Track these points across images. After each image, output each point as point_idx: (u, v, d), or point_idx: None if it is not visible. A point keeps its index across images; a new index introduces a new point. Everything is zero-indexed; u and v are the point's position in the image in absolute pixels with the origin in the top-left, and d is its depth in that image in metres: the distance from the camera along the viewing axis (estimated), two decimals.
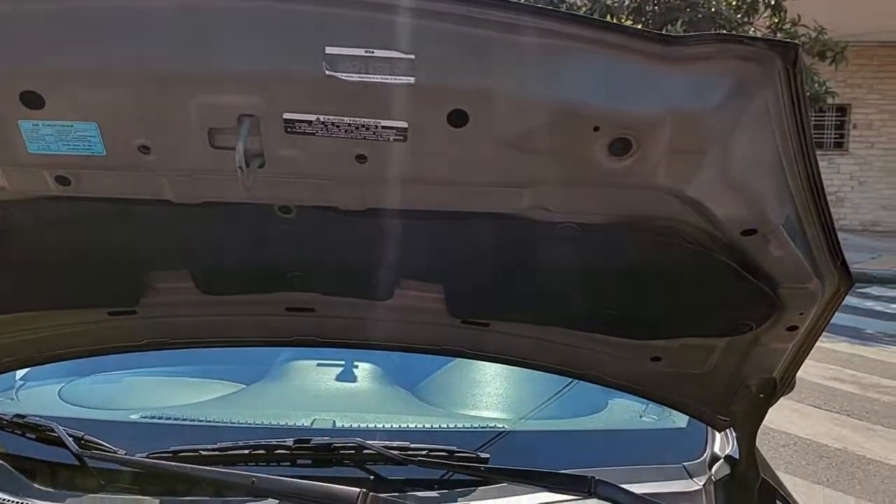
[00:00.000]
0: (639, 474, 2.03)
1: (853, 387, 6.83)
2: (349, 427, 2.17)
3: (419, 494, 1.94)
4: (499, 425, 2.24)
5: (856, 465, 5.30)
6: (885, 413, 6.24)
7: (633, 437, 2.28)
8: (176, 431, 2.15)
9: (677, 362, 1.80)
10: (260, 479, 1.85)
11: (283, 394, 2.38)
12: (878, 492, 4.94)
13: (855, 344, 8.14)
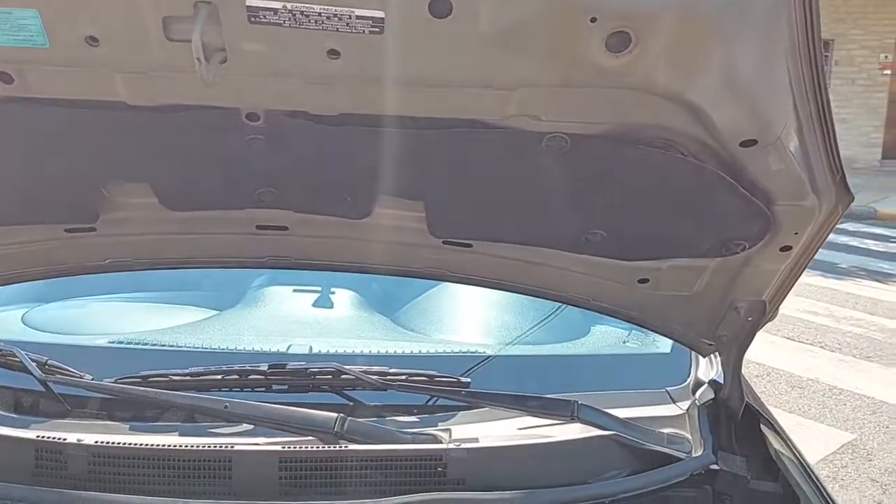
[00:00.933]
0: (621, 399, 2.00)
1: (826, 319, 6.92)
2: (326, 352, 2.10)
3: (399, 419, 1.90)
4: (480, 350, 2.19)
5: (827, 394, 5.40)
6: (857, 344, 6.35)
7: (615, 362, 2.24)
8: (145, 357, 2.08)
9: (665, 284, 1.74)
10: (233, 405, 1.79)
11: (258, 320, 2.31)
12: (849, 419, 5.05)
13: (829, 278, 8.23)
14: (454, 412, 1.93)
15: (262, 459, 1.67)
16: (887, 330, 6.71)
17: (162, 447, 1.67)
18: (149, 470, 1.65)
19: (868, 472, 4.42)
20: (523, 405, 1.88)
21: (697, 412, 1.95)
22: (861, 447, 4.72)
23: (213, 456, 1.66)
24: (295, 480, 1.66)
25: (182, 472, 1.65)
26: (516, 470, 1.74)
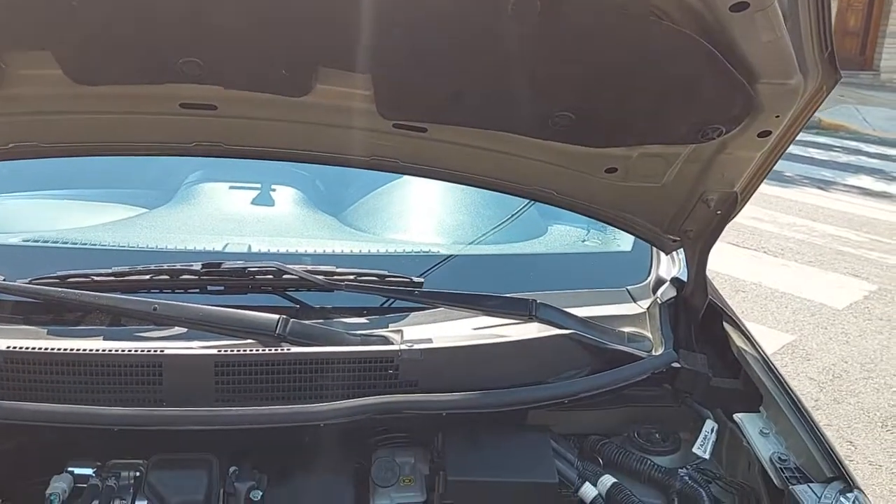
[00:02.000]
0: (580, 298, 1.91)
1: (770, 226, 7.02)
2: (267, 252, 1.94)
3: (347, 321, 1.77)
4: (434, 250, 2.06)
5: (769, 298, 5.51)
6: (799, 250, 6.47)
7: (575, 261, 2.15)
8: (64, 256, 1.88)
9: (634, 174, 1.62)
10: (163, 306, 1.63)
11: (191, 218, 2.12)
12: (789, 321, 5.17)
13: (774, 186, 8.32)
14: (406, 313, 1.82)
15: (195, 364, 1.53)
16: (828, 236, 6.85)
17: (83, 352, 1.52)
18: (68, 377, 1.50)
19: (806, 372, 4.56)
20: (479, 304, 1.77)
21: (659, 311, 1.88)
22: (800, 347, 4.85)
23: (141, 361, 1.51)
24: (233, 386, 1.53)
25: (106, 379, 1.50)
26: (472, 371, 1.64)
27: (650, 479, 1.65)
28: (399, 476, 1.62)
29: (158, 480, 1.46)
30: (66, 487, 1.45)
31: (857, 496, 1.39)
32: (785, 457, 1.53)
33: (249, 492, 1.49)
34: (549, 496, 1.57)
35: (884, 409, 4.23)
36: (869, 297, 5.63)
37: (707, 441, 1.67)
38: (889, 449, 3.90)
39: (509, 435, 1.66)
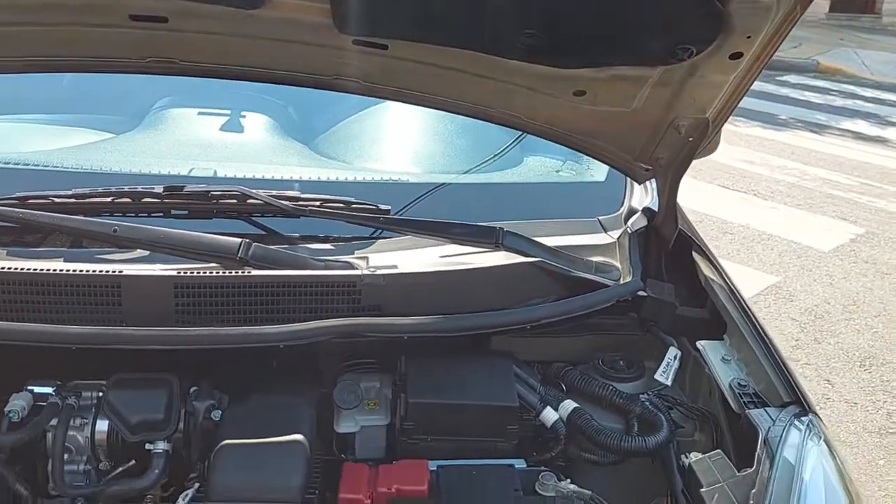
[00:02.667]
0: (550, 228, 1.89)
1: (762, 168, 6.98)
2: (233, 177, 1.91)
3: (312, 247, 1.75)
4: (403, 178, 2.03)
5: (756, 240, 5.51)
6: (789, 193, 6.44)
7: (547, 191, 2.12)
8: (25, 177, 1.85)
9: (603, 98, 1.57)
10: (123, 228, 1.60)
11: (157, 143, 2.08)
12: (775, 263, 5.18)
13: (767, 129, 8.25)
14: (372, 241, 1.80)
15: (154, 284, 1.51)
16: (819, 179, 6.82)
17: (41, 272, 1.50)
18: (26, 296, 1.49)
19: (789, 312, 4.59)
20: (445, 232, 1.75)
21: (629, 240, 1.87)
22: (784, 289, 4.86)
23: (99, 281, 1.49)
24: (193, 308, 1.52)
25: (65, 299, 1.49)
26: (435, 297, 1.64)
27: (611, 404, 1.66)
28: (362, 399, 1.62)
29: (117, 399, 1.46)
30: (25, 405, 1.45)
31: (811, 420, 1.40)
32: (744, 383, 1.53)
33: (209, 411, 1.50)
34: (510, 419, 1.58)
35: (863, 350, 4.27)
36: (856, 241, 5.63)
37: (669, 368, 1.68)
38: (866, 388, 3.95)
39: (472, 360, 1.66)
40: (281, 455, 1.39)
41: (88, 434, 1.48)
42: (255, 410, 1.50)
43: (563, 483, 1.50)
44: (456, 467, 1.53)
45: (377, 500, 1.45)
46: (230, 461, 1.37)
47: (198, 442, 1.50)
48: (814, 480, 1.27)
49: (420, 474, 1.49)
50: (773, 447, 1.31)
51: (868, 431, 3.61)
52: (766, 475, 1.26)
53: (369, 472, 1.50)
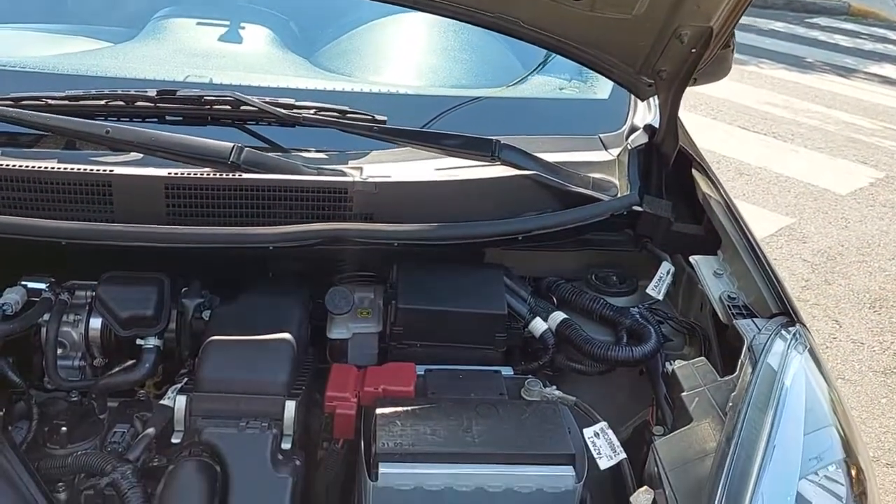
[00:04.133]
0: (549, 144, 1.86)
1: (784, 111, 6.82)
2: (228, 84, 1.89)
3: (305, 156, 1.74)
4: (402, 91, 2.00)
5: (774, 182, 5.42)
6: (810, 136, 6.31)
7: (549, 107, 2.08)
8: (20, 79, 1.84)
9: (603, 2, 1.53)
10: (116, 130, 1.60)
11: (154, 52, 2.05)
12: (790, 205, 5.11)
13: (793, 71, 8.03)
14: (367, 152, 1.78)
15: (145, 184, 1.52)
16: (842, 123, 6.66)
17: (33, 168, 1.51)
18: (18, 193, 1.50)
19: (801, 253, 4.54)
20: (440, 142, 1.73)
21: (628, 157, 1.84)
22: (798, 230, 4.81)
23: (89, 179, 1.50)
24: (184, 209, 1.53)
25: (56, 197, 1.50)
26: (428, 207, 1.63)
27: (602, 317, 1.66)
28: (354, 305, 1.63)
29: (107, 294, 1.48)
30: (18, 299, 1.47)
31: (798, 330, 1.39)
32: (734, 295, 1.52)
33: (199, 311, 1.52)
34: (498, 327, 1.58)
35: (874, 292, 4.23)
36: (875, 184, 5.52)
37: (662, 283, 1.67)
38: (874, 328, 3.93)
39: (463, 270, 1.66)
40: (268, 351, 1.41)
41: (82, 330, 1.51)
42: (245, 310, 1.51)
43: (548, 389, 1.51)
44: (443, 371, 1.54)
45: (364, 398, 1.46)
46: (218, 355, 1.39)
47: (188, 340, 1.52)
48: (795, 386, 1.26)
49: (407, 375, 1.50)
50: (757, 354, 1.30)
51: (873, 371, 3.60)
52: (748, 380, 1.26)
53: (357, 373, 1.52)
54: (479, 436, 1.35)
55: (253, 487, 1.25)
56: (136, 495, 1.23)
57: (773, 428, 1.18)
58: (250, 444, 1.29)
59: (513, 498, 1.31)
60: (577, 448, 1.35)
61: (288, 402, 1.35)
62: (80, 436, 1.37)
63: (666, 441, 1.28)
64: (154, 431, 1.34)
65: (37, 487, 1.24)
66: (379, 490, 1.29)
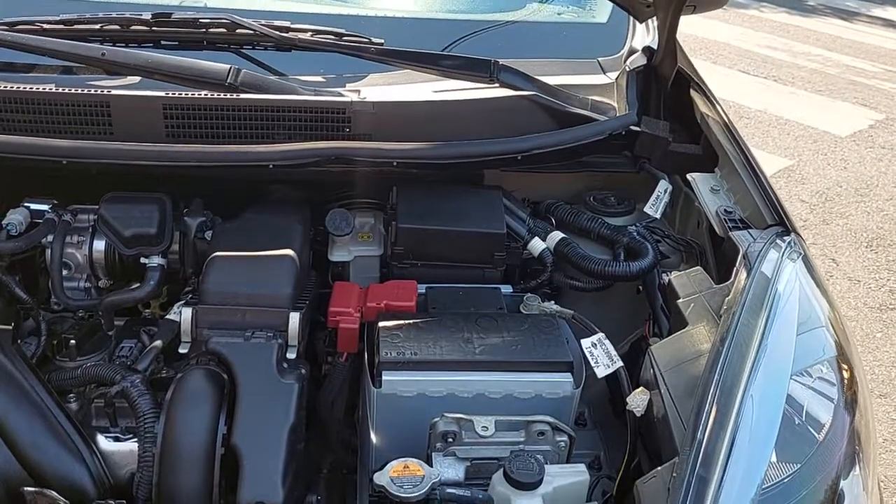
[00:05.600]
0: (548, 67, 1.86)
1: (784, 54, 6.76)
2: (223, 7, 1.87)
3: (302, 79, 1.74)
4: (399, 15, 1.98)
5: (773, 124, 5.40)
6: (810, 79, 6.26)
7: (547, 31, 2.07)
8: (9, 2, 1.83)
9: None
10: (112, 52, 1.60)
11: None
12: (790, 147, 5.10)
13: (794, 15, 7.94)
14: (364, 74, 1.78)
15: (143, 104, 1.52)
16: (842, 66, 6.61)
17: (30, 90, 1.50)
18: (17, 115, 1.50)
19: (799, 194, 4.55)
20: (438, 63, 1.72)
21: (627, 80, 1.83)
22: (797, 172, 4.81)
23: (88, 100, 1.50)
24: (182, 130, 1.53)
25: (55, 118, 1.50)
26: (426, 127, 1.63)
27: (599, 236, 1.68)
28: (354, 227, 1.65)
29: (110, 213, 1.49)
30: (22, 220, 1.49)
31: (792, 239, 1.41)
32: (731, 210, 1.53)
33: (201, 230, 1.53)
34: (497, 246, 1.60)
35: (871, 231, 4.25)
36: (874, 126, 5.50)
37: (659, 201, 1.68)
38: (870, 266, 3.96)
39: (462, 191, 1.67)
40: (271, 265, 1.43)
41: (86, 252, 1.53)
42: (247, 228, 1.53)
43: (546, 304, 1.53)
44: (443, 288, 1.57)
45: (367, 314, 1.49)
46: (222, 268, 1.41)
47: (191, 259, 1.54)
48: (788, 291, 1.28)
49: (409, 292, 1.53)
50: (752, 261, 1.32)
51: (868, 307, 3.65)
52: (742, 285, 1.28)
53: (359, 290, 1.54)
54: (480, 346, 1.38)
55: (260, 393, 1.28)
56: (145, 402, 1.26)
57: (766, 329, 1.20)
58: (256, 352, 1.32)
59: (512, 404, 1.34)
60: (574, 357, 1.38)
61: (292, 313, 1.37)
62: (88, 349, 1.40)
63: (661, 345, 1.31)
64: (161, 344, 1.37)
65: (49, 397, 1.27)
66: (383, 397, 1.33)
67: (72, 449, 1.23)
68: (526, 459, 1.20)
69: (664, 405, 1.22)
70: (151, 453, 1.23)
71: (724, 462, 1.05)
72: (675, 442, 1.15)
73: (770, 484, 1.08)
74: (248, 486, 1.20)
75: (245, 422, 1.25)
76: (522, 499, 1.17)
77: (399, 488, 1.16)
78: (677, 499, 1.01)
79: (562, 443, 1.31)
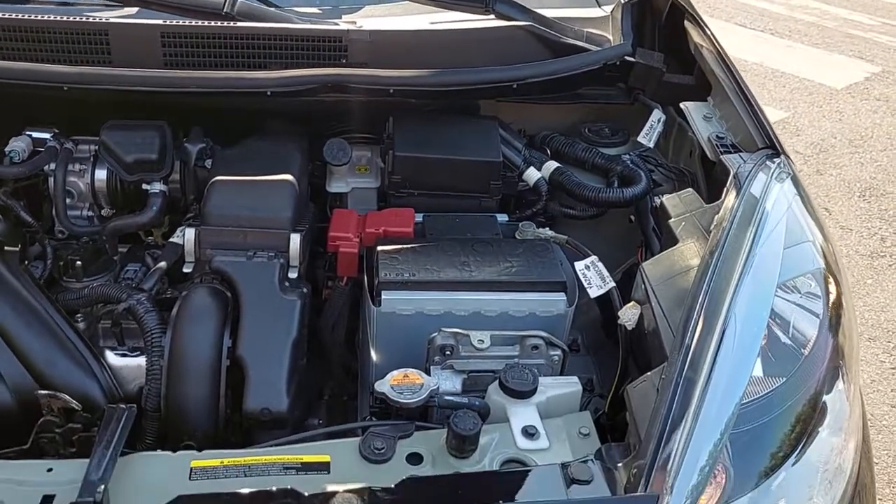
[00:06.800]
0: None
1: (781, 7, 6.71)
2: None
3: (299, 10, 1.75)
4: None
5: (769, 77, 5.39)
6: (807, 32, 6.23)
7: None
8: None
9: None
10: None
11: None
12: (785, 100, 5.10)
13: None
14: (360, 6, 1.79)
15: (141, 32, 1.54)
16: (840, 19, 6.56)
17: (30, 18, 1.51)
18: (15, 43, 1.51)
19: (793, 145, 4.56)
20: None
21: (621, 12, 1.84)
22: (792, 123, 4.82)
23: (87, 28, 1.52)
24: (181, 58, 1.55)
25: (53, 47, 1.52)
26: (423, 55, 1.64)
27: (594, 165, 1.71)
28: (351, 157, 1.67)
29: (111, 139, 1.51)
30: (24, 147, 1.51)
31: (782, 160, 1.44)
32: (723, 135, 1.56)
33: (201, 158, 1.55)
34: (493, 175, 1.63)
35: (865, 181, 4.27)
36: (870, 79, 5.49)
37: (653, 130, 1.71)
38: (863, 216, 3.99)
39: (459, 121, 1.69)
40: (271, 189, 1.46)
41: (88, 181, 1.55)
42: (247, 154, 1.55)
43: (541, 230, 1.57)
44: (440, 215, 1.60)
45: (366, 240, 1.52)
46: (223, 192, 1.44)
47: (192, 186, 1.56)
48: (777, 208, 1.32)
49: (406, 218, 1.56)
50: (742, 180, 1.35)
51: (860, 255, 3.69)
52: (732, 203, 1.31)
53: (358, 217, 1.57)
54: (476, 268, 1.41)
55: (263, 309, 1.32)
56: (152, 318, 1.30)
57: (754, 241, 1.24)
58: (259, 270, 1.36)
59: (507, 322, 1.38)
60: (568, 278, 1.41)
61: (293, 234, 1.40)
62: (94, 271, 1.43)
63: (652, 261, 1.34)
64: (165, 265, 1.40)
65: (59, 315, 1.30)
66: (382, 315, 1.36)
67: (82, 363, 1.27)
68: (521, 370, 1.24)
69: (654, 318, 1.26)
70: (159, 366, 1.26)
71: (711, 364, 1.08)
72: (664, 351, 1.19)
73: (755, 397, 1.12)
74: (254, 395, 1.25)
75: (249, 335, 1.29)
76: (517, 407, 1.21)
77: (399, 395, 1.21)
78: (665, 398, 1.05)
79: (555, 357, 1.35)
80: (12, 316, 1.26)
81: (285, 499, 0.96)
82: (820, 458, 1.16)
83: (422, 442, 1.12)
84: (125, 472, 1.01)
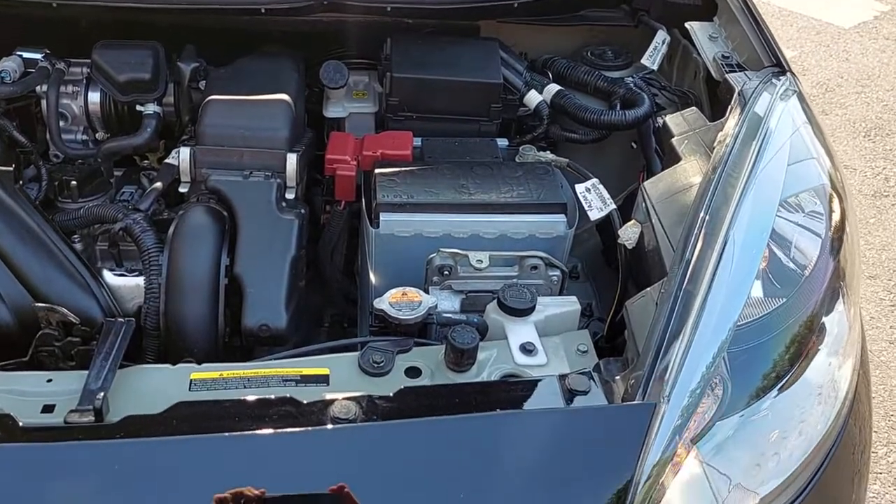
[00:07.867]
0: None
1: None
2: None
3: None
4: None
5: (776, 16, 5.25)
6: None
7: None
8: None
9: None
10: None
11: None
12: (792, 39, 5.00)
13: None
14: None
15: None
16: None
17: None
18: None
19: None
20: None
21: None
22: (798, 63, 4.73)
23: None
24: None
25: None
26: None
27: (596, 89, 1.68)
28: (349, 80, 1.64)
29: (104, 59, 1.48)
30: (15, 67, 1.48)
31: (787, 78, 1.41)
32: (728, 55, 1.52)
33: (195, 78, 1.52)
34: (493, 97, 1.60)
35: (870, 121, 4.22)
36: (879, 18, 5.38)
37: (657, 52, 1.67)
38: (868, 155, 3.95)
39: (458, 42, 1.66)
40: (268, 108, 1.43)
41: (82, 103, 1.52)
42: (242, 74, 1.52)
43: (542, 153, 1.54)
44: (439, 139, 1.58)
45: (363, 163, 1.50)
46: (218, 111, 1.41)
47: (186, 106, 1.54)
48: (781, 125, 1.29)
49: (404, 141, 1.53)
50: (746, 98, 1.33)
51: (863, 194, 3.66)
52: (736, 120, 1.29)
53: (355, 140, 1.55)
54: (475, 190, 1.40)
55: (260, 227, 1.31)
56: (149, 237, 1.29)
57: (758, 157, 1.22)
58: (255, 190, 1.34)
59: (506, 244, 1.37)
60: (568, 200, 1.40)
61: (290, 154, 1.38)
62: (89, 193, 1.42)
63: (654, 180, 1.32)
64: (161, 186, 1.39)
65: (56, 234, 1.29)
66: (381, 237, 1.35)
67: (80, 282, 1.26)
68: (519, 289, 1.24)
69: (655, 236, 1.25)
70: (157, 284, 1.26)
71: (711, 278, 1.08)
72: (664, 268, 1.18)
73: (754, 318, 1.11)
74: (252, 311, 1.24)
75: (247, 253, 1.28)
76: (515, 325, 1.21)
77: (398, 312, 1.21)
78: (664, 310, 1.05)
79: (554, 277, 1.34)
80: (8, 234, 1.25)
81: (284, 406, 0.96)
82: (816, 379, 1.16)
83: (420, 357, 1.12)
84: (125, 382, 1.02)
